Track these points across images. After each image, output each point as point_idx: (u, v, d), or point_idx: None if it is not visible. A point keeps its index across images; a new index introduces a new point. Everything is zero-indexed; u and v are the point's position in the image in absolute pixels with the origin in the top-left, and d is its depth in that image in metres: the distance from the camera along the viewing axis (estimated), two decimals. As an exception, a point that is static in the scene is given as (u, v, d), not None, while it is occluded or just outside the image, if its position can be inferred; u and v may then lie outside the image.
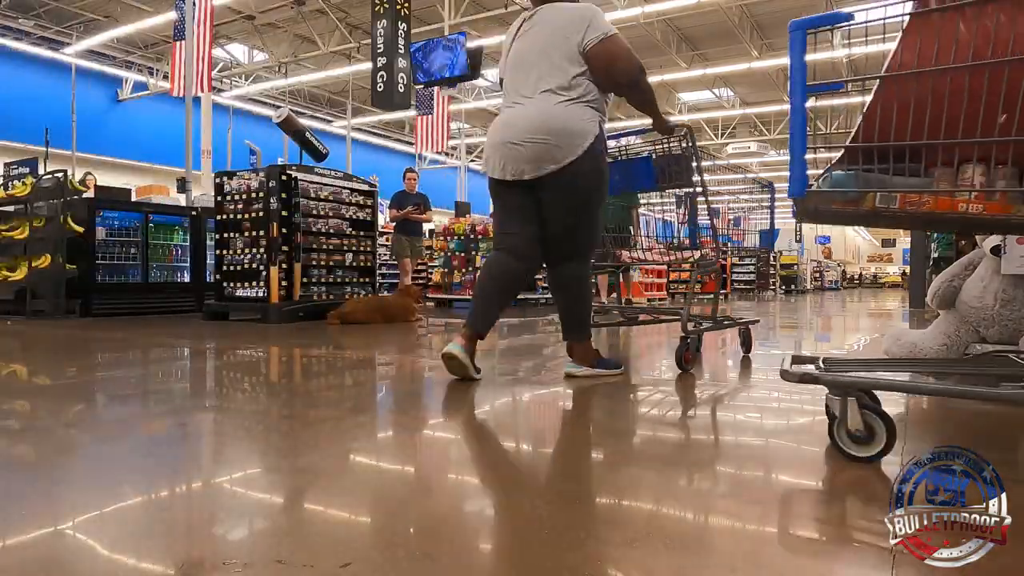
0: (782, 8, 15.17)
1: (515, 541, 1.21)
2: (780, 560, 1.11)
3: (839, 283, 30.24)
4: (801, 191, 1.53)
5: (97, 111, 19.31)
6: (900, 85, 1.44)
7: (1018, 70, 1.32)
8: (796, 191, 1.54)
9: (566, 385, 2.87)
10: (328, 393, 2.78)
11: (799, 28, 1.47)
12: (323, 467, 1.64)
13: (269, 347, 4.51)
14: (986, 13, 1.34)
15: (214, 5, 12.60)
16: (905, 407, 2.37)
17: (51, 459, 1.76)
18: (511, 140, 2.74)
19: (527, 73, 2.79)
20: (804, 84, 1.50)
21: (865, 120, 1.49)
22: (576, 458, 1.84)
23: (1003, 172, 1.40)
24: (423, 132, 17.55)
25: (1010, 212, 1.37)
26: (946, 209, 1.41)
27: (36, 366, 3.77)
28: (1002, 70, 1.33)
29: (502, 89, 2.96)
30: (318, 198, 7.29)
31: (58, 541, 1.19)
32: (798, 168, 1.52)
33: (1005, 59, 1.33)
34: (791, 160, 1.54)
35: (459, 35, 12.17)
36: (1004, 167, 1.41)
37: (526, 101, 2.77)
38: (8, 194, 8.03)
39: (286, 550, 1.11)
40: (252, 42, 18.79)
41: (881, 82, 1.48)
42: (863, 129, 1.50)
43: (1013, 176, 1.40)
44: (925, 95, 1.41)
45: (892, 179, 1.49)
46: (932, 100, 1.40)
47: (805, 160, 1.53)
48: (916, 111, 1.41)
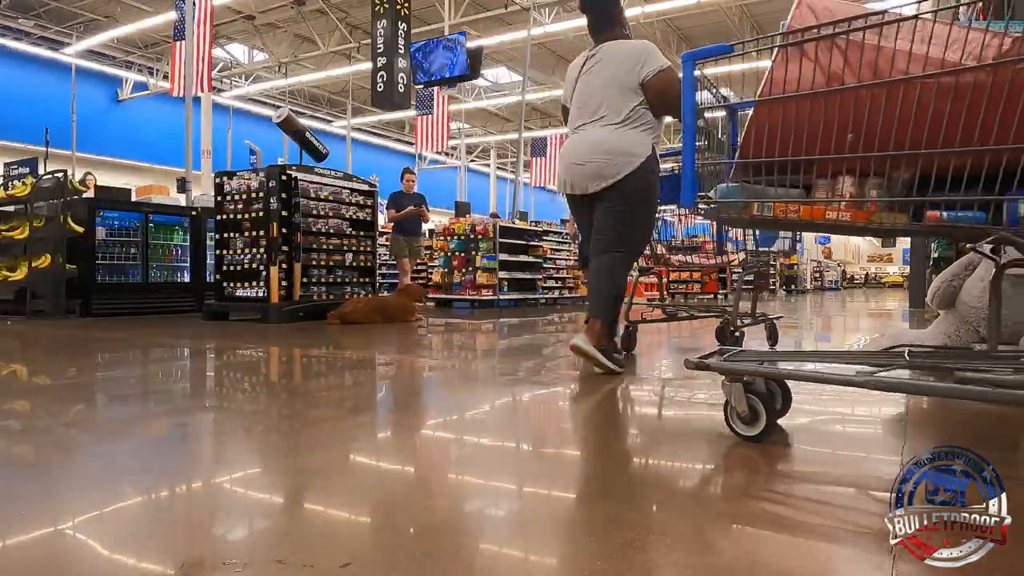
0: (782, 8, 15.17)
1: (515, 541, 1.21)
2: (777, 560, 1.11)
3: (839, 283, 30.22)
4: (690, 201, 1.77)
5: (97, 111, 19.33)
6: (771, 108, 1.62)
7: (864, 95, 1.51)
8: (686, 200, 1.77)
9: (566, 385, 2.87)
10: (328, 393, 2.78)
11: (689, 59, 1.75)
12: (323, 467, 1.64)
13: (269, 347, 4.51)
14: (838, 45, 1.53)
15: (214, 5, 12.61)
16: (905, 407, 2.37)
17: (51, 459, 1.76)
18: (575, 161, 3.17)
19: (591, 103, 3.19)
20: (693, 108, 1.72)
21: (745, 139, 1.67)
22: (576, 457, 1.84)
23: (872, 183, 1.54)
24: (423, 132, 17.57)
25: (872, 219, 1.53)
26: (817, 217, 1.61)
27: (36, 366, 3.77)
28: (851, 95, 1.52)
29: (566, 119, 3.41)
30: (318, 198, 7.29)
31: (58, 541, 1.19)
32: (688, 181, 1.75)
33: (851, 85, 1.52)
34: (683, 174, 1.75)
35: (459, 35, 12.18)
36: (873, 178, 1.54)
37: (589, 127, 3.18)
38: (8, 194, 8.03)
39: (286, 550, 1.11)
40: (252, 42, 18.80)
41: (756, 105, 1.65)
42: (744, 146, 1.68)
43: (882, 186, 1.53)
44: (790, 117, 1.59)
45: (770, 191, 1.68)
46: (796, 121, 1.58)
47: (694, 174, 1.74)
48: (783, 131, 1.60)
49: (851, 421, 2.29)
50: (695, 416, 2.33)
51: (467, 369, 3.62)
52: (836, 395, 2.51)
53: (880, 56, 1.48)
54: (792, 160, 1.60)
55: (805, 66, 1.56)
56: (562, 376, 3.07)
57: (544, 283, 11.78)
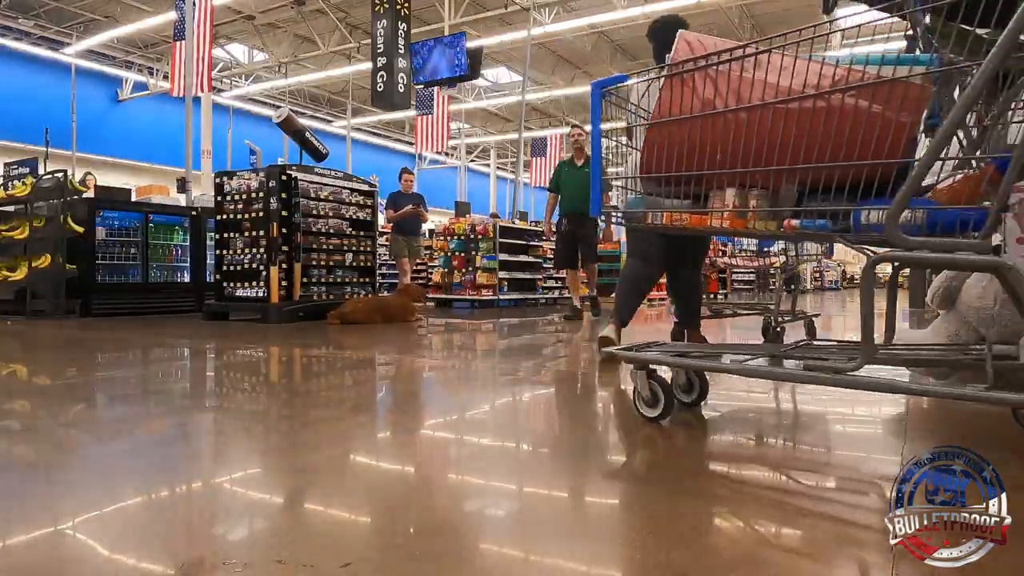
0: (781, 8, 15.18)
1: (515, 541, 1.21)
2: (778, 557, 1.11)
3: (839, 283, 30.19)
4: (597, 212, 2.05)
5: (97, 111, 19.32)
6: (660, 129, 1.83)
7: (731, 118, 1.72)
8: (594, 211, 2.05)
9: (567, 385, 2.86)
10: (328, 393, 2.78)
11: (597, 86, 1.99)
12: (323, 467, 1.64)
13: (269, 347, 4.51)
14: (710, 75, 1.75)
15: (214, 5, 12.60)
16: (905, 407, 2.37)
17: (51, 459, 1.76)
18: None
19: None
20: (599, 132, 2.00)
21: (644, 156, 1.89)
22: (575, 457, 1.84)
23: (754, 194, 1.72)
24: (423, 132, 17.56)
25: (750, 226, 1.73)
26: (704, 224, 1.82)
27: (36, 366, 3.77)
28: (720, 118, 1.73)
29: None
30: (318, 198, 7.29)
31: (58, 541, 1.19)
32: (596, 193, 2.02)
33: (720, 110, 1.72)
34: (592, 187, 2.02)
35: (459, 35, 12.18)
36: (756, 189, 1.72)
37: None
38: (8, 194, 8.03)
39: (286, 550, 1.11)
40: (252, 42, 18.79)
41: (648, 127, 1.86)
42: (644, 163, 1.90)
43: (763, 197, 1.71)
44: (675, 137, 1.80)
45: (665, 202, 1.91)
46: (680, 141, 1.79)
47: (600, 187, 2.01)
48: (670, 150, 1.81)
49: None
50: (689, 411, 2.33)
51: (467, 369, 3.62)
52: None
53: (742, 84, 1.69)
54: (676, 175, 1.82)
55: (686, 93, 1.77)
56: (562, 376, 3.07)
57: (544, 283, 11.77)
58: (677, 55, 1.81)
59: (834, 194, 1.58)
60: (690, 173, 1.78)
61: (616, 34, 17.32)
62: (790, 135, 1.61)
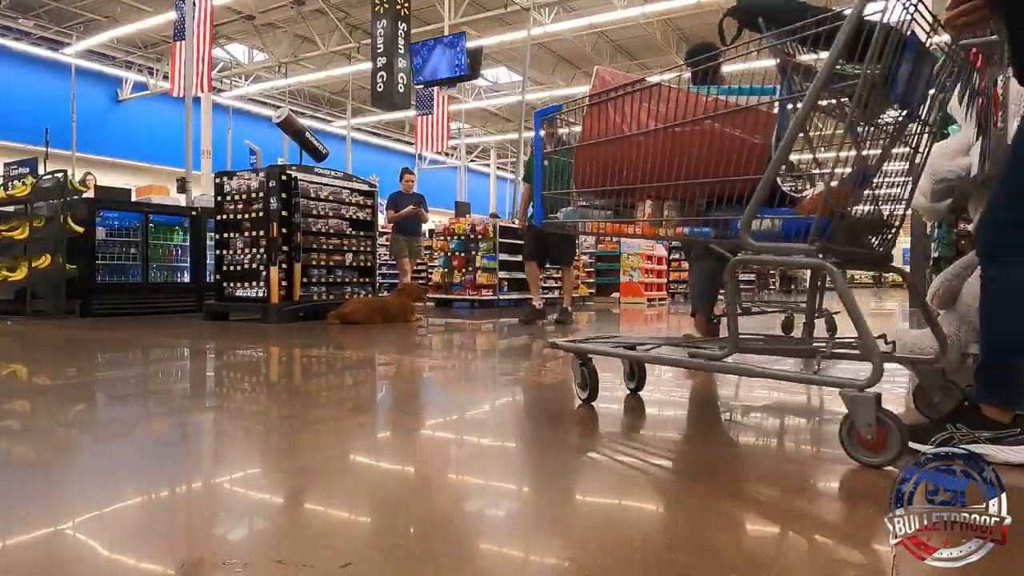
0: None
1: (515, 541, 1.21)
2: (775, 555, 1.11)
3: (839, 283, 30.12)
4: (539, 221, 2.43)
5: (97, 111, 19.31)
6: (585, 151, 2.15)
7: (633, 141, 2.01)
8: (537, 220, 2.45)
9: (567, 385, 2.86)
10: (328, 393, 2.78)
11: (538, 116, 2.56)
12: (323, 467, 1.64)
13: (269, 347, 4.51)
14: (617, 105, 2.05)
15: (214, 5, 12.59)
16: (905, 407, 2.37)
17: (51, 459, 1.76)
18: None
19: None
20: (540, 152, 2.51)
21: (576, 173, 2.19)
22: (576, 456, 1.84)
23: (668, 205, 1.99)
24: (423, 132, 17.54)
25: (659, 233, 2.00)
26: (622, 232, 2.13)
27: (36, 366, 3.77)
28: (627, 141, 2.03)
29: None
30: (318, 198, 7.29)
31: (58, 541, 1.19)
32: (538, 205, 2.41)
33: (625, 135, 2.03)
34: (535, 200, 2.44)
35: (459, 35, 12.17)
36: (668, 201, 1.99)
37: None
38: (8, 194, 8.03)
39: (286, 550, 1.11)
40: (252, 42, 18.79)
41: (577, 149, 2.17)
42: (577, 178, 2.20)
43: (675, 208, 1.98)
44: (596, 157, 2.12)
45: (593, 212, 2.24)
46: (600, 160, 2.10)
47: (542, 199, 2.37)
48: (594, 167, 2.13)
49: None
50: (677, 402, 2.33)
51: (467, 369, 3.62)
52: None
53: (641, 112, 1.99)
54: (600, 189, 2.13)
55: (601, 120, 2.09)
56: (562, 376, 3.07)
57: (544, 283, 11.77)
58: (593, 89, 2.11)
59: (724, 205, 1.85)
60: (611, 188, 2.09)
61: (616, 34, 17.32)
62: (675, 155, 1.92)
